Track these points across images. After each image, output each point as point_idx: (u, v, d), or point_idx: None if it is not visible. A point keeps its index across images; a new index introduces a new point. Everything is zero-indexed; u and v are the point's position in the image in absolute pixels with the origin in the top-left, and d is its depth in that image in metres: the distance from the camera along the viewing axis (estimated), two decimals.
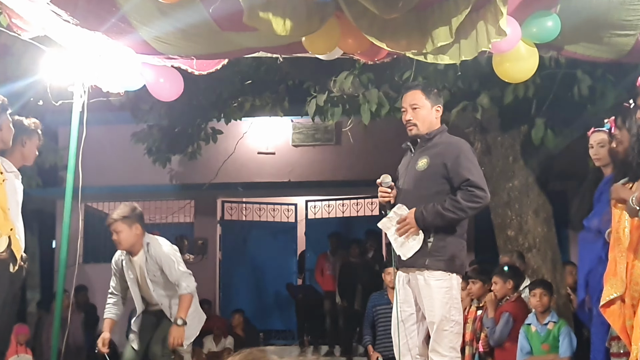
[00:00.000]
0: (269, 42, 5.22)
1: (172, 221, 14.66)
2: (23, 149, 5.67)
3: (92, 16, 4.93)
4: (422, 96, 5.06)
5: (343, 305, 12.05)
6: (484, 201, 4.86)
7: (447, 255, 4.86)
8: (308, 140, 14.06)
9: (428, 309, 4.87)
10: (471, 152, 5.01)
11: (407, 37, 4.68)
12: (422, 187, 4.92)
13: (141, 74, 5.95)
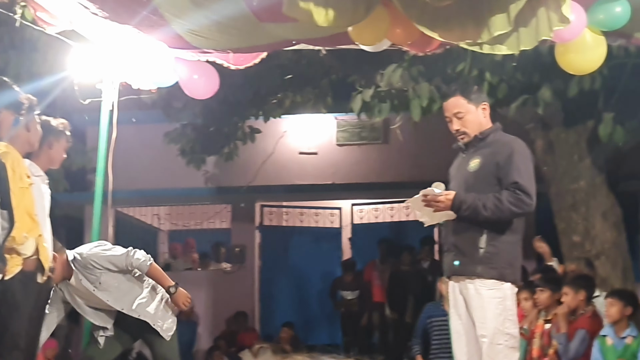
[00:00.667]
0: (311, 33, 5.24)
1: (208, 227, 14.76)
2: (50, 152, 5.74)
3: (122, 8, 5.00)
4: (463, 101, 5.03)
5: (393, 317, 12.03)
6: (529, 208, 4.82)
7: (501, 263, 4.83)
8: (353, 139, 14.04)
9: (479, 322, 4.84)
10: (526, 153, 4.96)
11: (461, 26, 4.67)
12: (473, 189, 4.89)
13: (174, 69, 6.01)
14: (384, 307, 12.28)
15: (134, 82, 6.22)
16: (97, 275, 5.96)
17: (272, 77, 9.94)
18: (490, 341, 4.78)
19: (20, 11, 5.67)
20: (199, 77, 6.09)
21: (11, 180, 5.07)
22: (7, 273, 5.03)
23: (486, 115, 5.08)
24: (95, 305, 6.19)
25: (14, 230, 5.03)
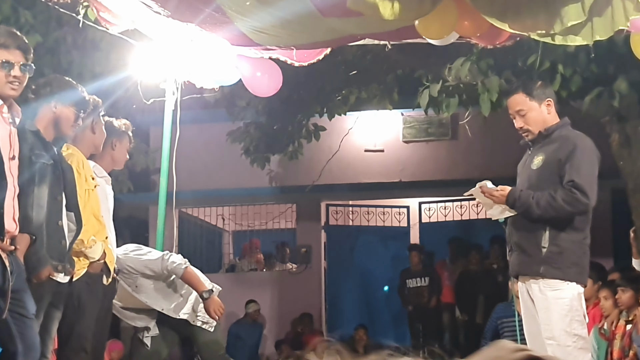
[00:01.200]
0: (376, 27, 5.23)
1: (272, 227, 14.83)
2: (113, 152, 5.81)
3: (185, 7, 5.05)
4: (525, 98, 5.03)
5: (463, 319, 11.96)
6: (584, 207, 4.81)
7: (565, 262, 4.82)
8: (420, 136, 13.98)
9: (545, 323, 4.83)
10: (589, 150, 4.93)
11: (532, 16, 4.62)
12: (536, 186, 4.90)
13: (237, 67, 6.05)
14: (453, 308, 12.21)
15: (196, 81, 6.28)
16: (133, 279, 6.06)
17: (337, 73, 9.95)
18: (557, 343, 4.76)
19: (83, 11, 5.76)
20: (262, 75, 6.13)
21: (77, 182, 5.17)
22: (74, 275, 5.12)
23: (551, 111, 5.04)
24: (134, 307, 6.28)
25: (82, 233, 5.12)
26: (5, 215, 4.38)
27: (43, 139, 4.90)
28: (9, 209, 4.40)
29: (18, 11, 8.54)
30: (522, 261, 4.93)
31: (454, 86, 8.47)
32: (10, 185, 4.39)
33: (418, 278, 12.42)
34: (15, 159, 4.46)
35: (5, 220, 4.37)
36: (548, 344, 4.78)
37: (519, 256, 4.95)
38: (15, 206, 4.46)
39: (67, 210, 5.01)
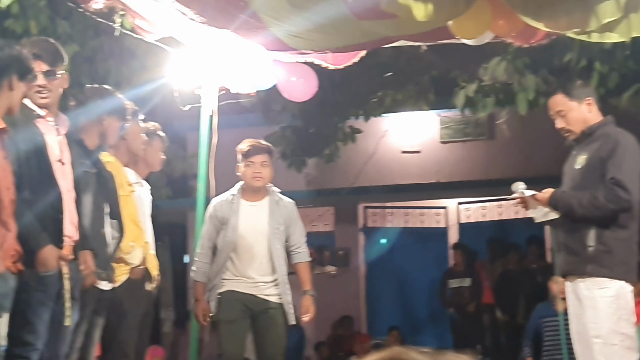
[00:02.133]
0: (410, 29, 5.23)
1: (311, 230, 14.77)
2: (145, 156, 5.85)
3: (220, 13, 5.09)
4: (564, 99, 4.99)
5: (504, 319, 11.90)
6: (626, 204, 4.75)
7: (612, 261, 4.77)
8: (457, 136, 13.94)
9: (592, 322, 4.78)
10: (632, 147, 4.86)
11: (567, 14, 4.61)
12: (580, 186, 4.87)
13: (272, 72, 6.08)
14: (494, 308, 12.15)
15: (232, 87, 6.31)
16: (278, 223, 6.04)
17: (372, 76, 9.96)
18: (604, 341, 4.72)
19: (119, 20, 5.82)
20: (297, 79, 6.16)
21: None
22: (115, 282, 5.17)
23: (592, 110, 5.00)
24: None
25: (123, 239, 5.18)
26: (64, 220, 4.43)
27: (86, 148, 4.96)
28: (68, 214, 4.45)
29: (55, 22, 8.64)
30: (570, 261, 4.90)
31: (490, 86, 8.46)
32: (66, 190, 4.45)
33: (460, 278, 12.37)
34: (65, 164, 4.51)
35: (65, 225, 4.43)
36: (594, 342, 4.74)
37: (566, 256, 4.92)
38: (74, 211, 4.52)
39: (110, 218, 5.07)
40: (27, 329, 4.29)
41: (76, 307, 4.59)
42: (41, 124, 4.49)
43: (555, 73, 7.83)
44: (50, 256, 4.32)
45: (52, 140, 4.50)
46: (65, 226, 4.45)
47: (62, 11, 8.61)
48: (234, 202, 5.89)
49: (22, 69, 4.21)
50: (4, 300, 4.13)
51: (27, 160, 4.31)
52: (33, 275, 4.27)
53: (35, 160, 4.35)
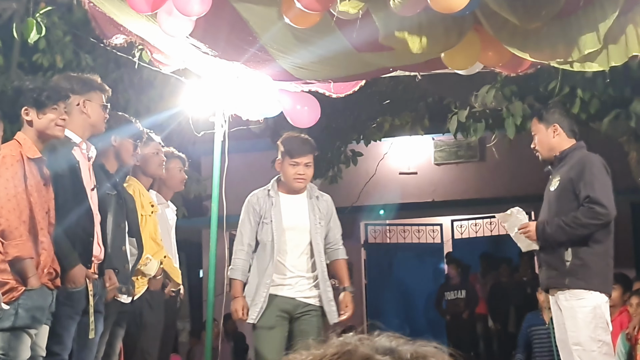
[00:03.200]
0: (406, 60, 5.25)
1: None
2: (166, 178, 5.85)
3: (231, 47, 5.11)
4: (535, 122, 5.16)
5: (496, 328, 11.87)
6: (606, 218, 4.81)
7: (589, 274, 4.82)
8: (451, 158, 13.96)
9: (571, 330, 4.82)
10: (598, 165, 4.93)
11: (551, 46, 4.62)
12: (555, 207, 4.95)
13: (279, 100, 6.09)
14: (486, 318, 12.11)
15: (243, 114, 6.32)
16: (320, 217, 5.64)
17: (371, 103, 9.97)
18: (583, 348, 4.76)
19: (138, 54, 5.85)
20: (302, 107, 6.16)
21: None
22: (134, 294, 5.18)
23: (559, 135, 5.08)
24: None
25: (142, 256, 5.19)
26: (93, 242, 4.48)
27: (107, 172, 4.98)
28: (95, 235, 4.51)
29: (79, 55, 8.67)
30: (550, 275, 4.96)
31: (481, 112, 8.45)
32: (95, 214, 4.51)
33: (456, 291, 12.33)
34: (94, 190, 4.55)
35: (93, 246, 4.48)
36: (574, 349, 4.79)
37: (547, 271, 4.98)
38: (99, 232, 4.57)
39: (130, 236, 5.08)
40: (55, 340, 4.31)
41: (100, 320, 4.60)
42: (76, 151, 4.52)
43: (541, 100, 7.83)
44: (79, 275, 4.36)
45: (85, 166, 4.53)
46: (94, 247, 4.49)
47: (85, 46, 8.64)
48: (272, 196, 5.48)
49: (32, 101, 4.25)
50: (42, 314, 4.15)
51: (62, 186, 4.35)
52: (62, 292, 4.30)
53: (70, 186, 4.39)
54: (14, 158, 4.09)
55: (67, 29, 8.48)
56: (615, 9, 4.25)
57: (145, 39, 5.26)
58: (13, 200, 4.05)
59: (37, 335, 4.15)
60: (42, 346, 4.20)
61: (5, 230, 4.03)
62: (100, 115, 4.67)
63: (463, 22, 4.69)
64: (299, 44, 4.95)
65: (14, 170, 4.09)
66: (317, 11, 4.32)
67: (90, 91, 4.65)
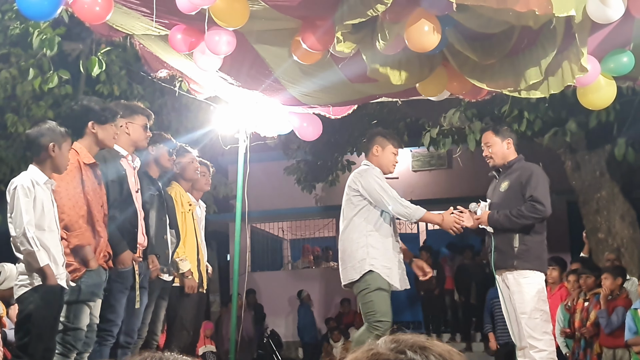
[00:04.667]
0: (389, 89, 5.25)
1: (318, 236, 14.81)
2: (198, 183, 5.81)
3: (252, 79, 5.11)
4: (492, 135, 5.07)
5: (461, 300, 11.84)
6: (543, 214, 4.81)
7: (532, 257, 4.82)
8: (425, 166, 13.95)
9: (519, 303, 4.81)
10: (541, 174, 4.94)
11: (503, 78, 4.61)
12: (505, 204, 4.91)
13: (289, 120, 6.09)
14: (453, 292, 12.09)
15: (260, 131, 6.32)
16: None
17: (362, 123, 9.98)
18: (529, 316, 4.77)
19: (178, 84, 5.85)
20: (308, 125, 6.15)
21: (176, 207, 5.25)
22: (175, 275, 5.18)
23: (510, 149, 5.06)
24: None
25: (180, 247, 5.19)
26: (138, 233, 4.50)
27: (151, 177, 4.99)
28: (140, 227, 4.52)
29: (132, 85, 8.69)
30: (500, 258, 4.91)
31: (448, 129, 8.46)
32: (138, 211, 4.51)
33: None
34: (139, 192, 4.57)
35: (138, 236, 4.49)
36: (522, 318, 4.78)
37: (498, 254, 4.92)
38: (143, 225, 4.57)
39: (170, 228, 5.08)
40: (109, 310, 4.32)
41: (145, 294, 4.61)
42: (123, 162, 4.53)
43: (495, 120, 7.83)
44: (127, 258, 4.37)
45: (130, 173, 4.54)
46: (138, 237, 4.50)
47: (137, 78, 8.66)
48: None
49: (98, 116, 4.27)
50: (99, 289, 4.16)
51: (113, 189, 4.36)
52: (114, 271, 4.31)
53: (119, 188, 4.41)
54: (72, 165, 4.09)
55: (123, 65, 8.49)
56: (553, 48, 4.24)
57: (183, 72, 5.26)
58: (72, 199, 4.06)
59: (93, 307, 4.16)
60: (96, 315, 4.21)
61: (68, 223, 4.03)
62: (141, 134, 4.66)
63: (434, 59, 4.69)
64: (305, 76, 4.96)
65: (72, 174, 4.10)
66: (319, 51, 4.32)
67: (133, 114, 4.65)
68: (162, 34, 4.52)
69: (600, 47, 4.46)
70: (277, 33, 4.50)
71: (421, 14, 3.94)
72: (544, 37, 4.30)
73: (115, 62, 8.31)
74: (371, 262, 4.90)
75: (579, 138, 8.25)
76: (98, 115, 4.27)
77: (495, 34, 4.38)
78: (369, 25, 4.16)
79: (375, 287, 4.90)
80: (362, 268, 4.89)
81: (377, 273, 4.89)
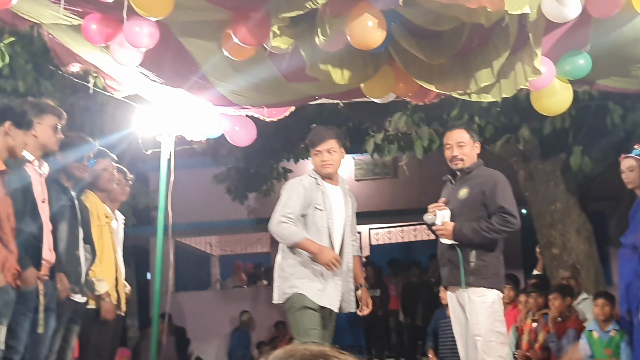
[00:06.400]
0: (330, 90, 5.28)
1: (251, 251, 14.76)
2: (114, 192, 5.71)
3: (176, 75, 5.06)
4: (466, 134, 5.01)
5: (406, 322, 11.94)
6: (515, 227, 4.82)
7: (489, 274, 4.81)
8: (369, 175, 14.06)
9: (473, 323, 4.81)
10: (506, 183, 4.95)
11: (452, 79, 4.68)
12: (464, 213, 4.88)
13: (219, 123, 6.06)
14: (398, 313, 12.19)
15: (187, 135, 6.27)
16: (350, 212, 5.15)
17: (300, 126, 9.98)
18: (483, 339, 4.76)
19: (92, 80, 5.75)
20: (240, 129, 6.13)
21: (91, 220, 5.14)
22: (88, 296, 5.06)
23: (477, 152, 5.07)
24: None
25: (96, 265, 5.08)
26: (43, 247, 4.37)
27: (62, 185, 4.87)
28: (46, 242, 4.39)
29: (39, 81, 8.50)
30: (454, 274, 4.88)
31: (394, 135, 8.54)
32: (45, 223, 4.39)
33: (371, 289, 12.32)
34: (45, 202, 4.45)
35: (43, 250, 4.36)
36: (477, 340, 4.78)
37: (451, 270, 4.90)
38: (50, 239, 4.45)
39: (85, 242, 4.97)
40: (10, 334, 4.18)
41: (52, 317, 4.49)
42: (29, 168, 4.41)
43: (444, 125, 7.94)
44: (30, 276, 4.24)
45: (36, 181, 4.42)
46: (44, 252, 4.38)
47: (45, 72, 8.48)
48: (320, 184, 4.87)
49: (18, 118, 4.15)
50: (7, 309, 4.03)
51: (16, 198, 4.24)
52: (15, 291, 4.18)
53: (23, 198, 4.28)
54: None
55: (29, 58, 8.31)
56: (506, 49, 4.34)
57: (99, 67, 5.17)
58: None
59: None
60: (1, 340, 4.08)
61: None
62: (50, 136, 4.52)
63: (378, 57, 4.73)
64: (236, 73, 4.93)
65: None
66: (252, 46, 4.31)
67: (41, 114, 4.51)
68: (74, 23, 4.43)
69: (555, 48, 4.59)
70: (205, 25, 4.47)
71: (365, 8, 3.97)
72: (497, 37, 4.39)
73: (20, 55, 8.11)
74: (295, 284, 4.81)
75: (533, 146, 8.46)
76: (18, 117, 4.15)
77: (444, 32, 4.44)
78: (308, 18, 4.17)
79: (299, 306, 4.76)
80: (289, 287, 4.83)
81: (300, 293, 4.78)
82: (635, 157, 5.43)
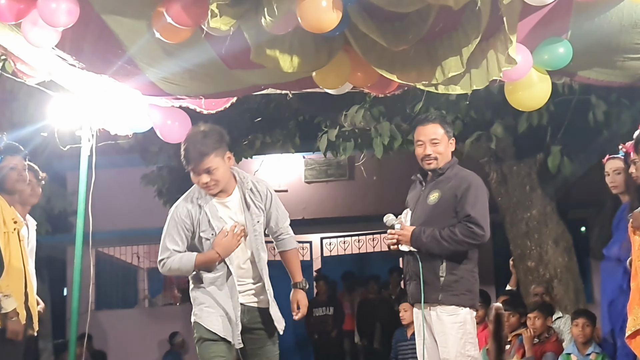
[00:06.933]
0: (277, 78, 5.27)
1: None
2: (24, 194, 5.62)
3: (98, 59, 5.00)
4: (441, 130, 5.02)
5: (363, 344, 11.98)
6: (481, 239, 4.82)
7: (461, 290, 4.83)
8: (321, 176, 14.08)
9: (442, 345, 4.82)
10: (481, 187, 4.97)
11: (417, 68, 4.71)
12: (433, 221, 4.88)
13: (148, 115, 6.01)
14: (353, 334, 12.22)
15: (111, 128, 6.21)
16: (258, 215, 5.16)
17: (243, 120, 9.96)
18: None
19: (0, 64, 5.66)
20: (173, 123, 6.09)
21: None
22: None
23: (452, 149, 5.09)
24: None
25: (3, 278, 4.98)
26: None
27: None
28: None
29: None
30: (420, 289, 4.87)
31: (350, 131, 8.56)
32: None
33: (324, 307, 12.36)
34: None
35: None
36: None
37: (418, 285, 4.89)
38: None
39: None
40: None
41: None
42: None
43: (407, 120, 7.99)
44: None
45: None
46: None
47: None
48: (203, 205, 4.77)
49: None
50: None
51: None
52: None
53: None
54: None
55: None
56: (477, 34, 4.37)
57: (7, 48, 5.08)
58: None
59: None
60: None
61: None
62: None
63: (333, 42, 4.73)
64: (167, 57, 4.89)
65: None
66: (188, 27, 4.27)
67: None
68: None
69: (532, 35, 4.65)
70: (133, 1, 4.42)
71: None
72: (467, 20, 4.43)
73: None
74: (195, 311, 4.85)
75: (507, 145, 8.56)
76: None
77: (408, 14, 4.46)
78: None
79: (197, 337, 4.89)
80: (193, 315, 4.88)
81: (197, 322, 4.86)
82: (621, 158, 5.49)
